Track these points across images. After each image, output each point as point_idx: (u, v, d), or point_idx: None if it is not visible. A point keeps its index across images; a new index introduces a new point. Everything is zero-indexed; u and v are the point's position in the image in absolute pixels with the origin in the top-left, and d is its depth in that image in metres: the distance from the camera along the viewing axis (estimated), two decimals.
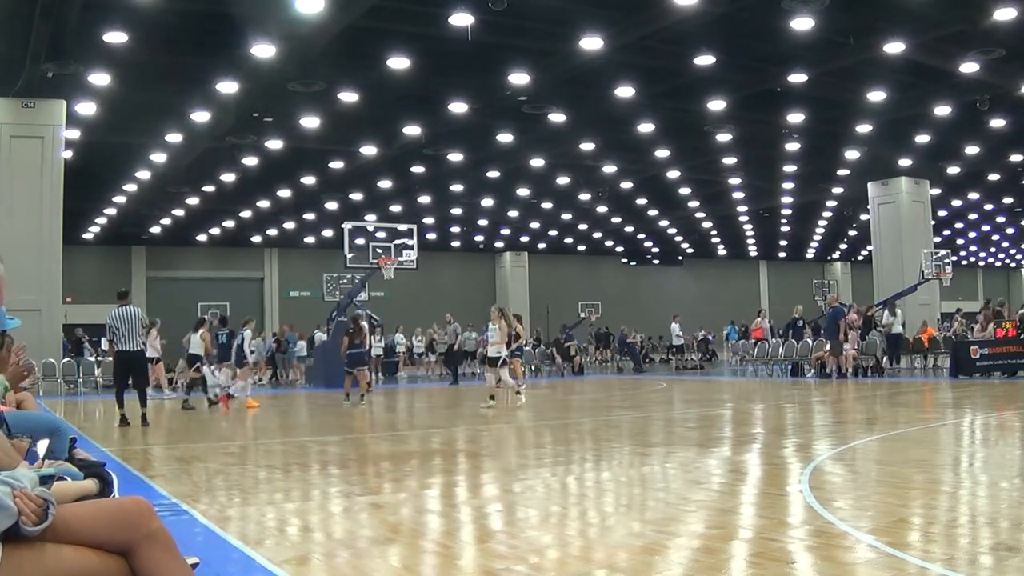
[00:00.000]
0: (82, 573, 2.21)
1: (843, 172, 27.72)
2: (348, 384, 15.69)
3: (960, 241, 45.39)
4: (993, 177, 29.07)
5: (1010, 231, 43.56)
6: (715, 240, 43.81)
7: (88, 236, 33.57)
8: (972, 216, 38.23)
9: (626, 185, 28.95)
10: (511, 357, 23.69)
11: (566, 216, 35.01)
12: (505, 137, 22.26)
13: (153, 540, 2.31)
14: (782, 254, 48.95)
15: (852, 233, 41.10)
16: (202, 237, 36.61)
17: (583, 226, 37.88)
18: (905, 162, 25.88)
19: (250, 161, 23.55)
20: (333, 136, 21.70)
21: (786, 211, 35.96)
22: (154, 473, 7.33)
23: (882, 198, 27.40)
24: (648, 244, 43.95)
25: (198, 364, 16.76)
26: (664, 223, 37.60)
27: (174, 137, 20.77)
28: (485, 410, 13.32)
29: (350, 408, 14.81)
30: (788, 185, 29.86)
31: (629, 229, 39.00)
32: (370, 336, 25.47)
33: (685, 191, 30.73)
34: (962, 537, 4.34)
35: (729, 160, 25.88)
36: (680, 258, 46.55)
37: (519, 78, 17.32)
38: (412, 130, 21.26)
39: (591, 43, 15.57)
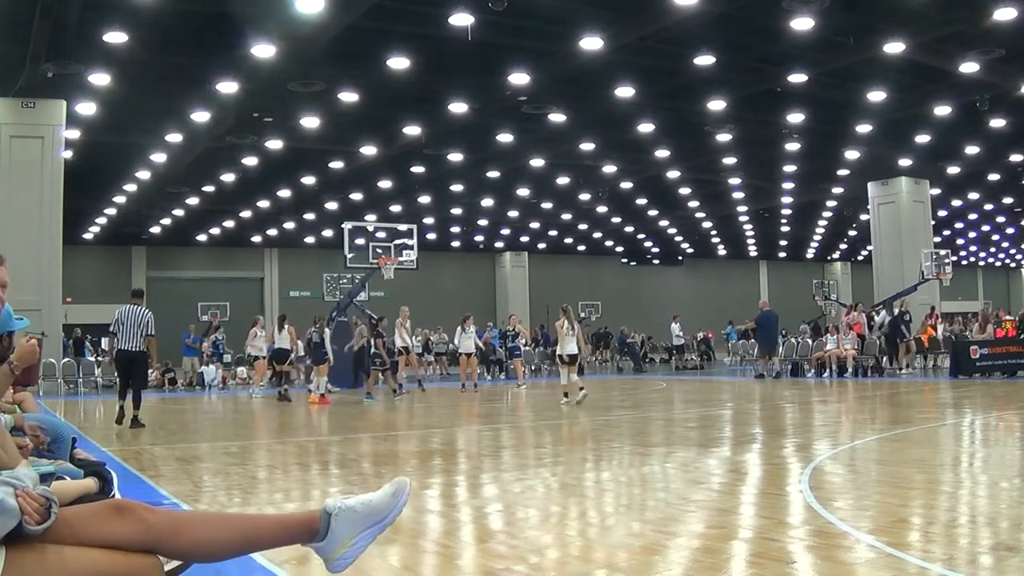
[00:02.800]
0: (86, 574, 2.20)
1: (843, 172, 27.71)
2: (371, 382, 17.16)
3: (960, 241, 45.39)
4: (993, 177, 29.06)
5: (1010, 231, 43.56)
6: (715, 240, 43.81)
7: (88, 236, 33.57)
8: (972, 216, 38.23)
9: (626, 185, 28.95)
10: (511, 357, 23.84)
11: (566, 216, 35.00)
12: (505, 137, 22.25)
13: (157, 529, 2.29)
14: (782, 254, 48.96)
15: (852, 233, 41.10)
16: (202, 237, 36.61)
17: (583, 226, 37.87)
18: (905, 162, 25.88)
19: (250, 161, 23.55)
20: (333, 136, 21.69)
21: (786, 211, 35.96)
22: (154, 473, 7.32)
23: (882, 198, 27.41)
24: (648, 244, 43.94)
25: (291, 359, 18.00)
26: (664, 223, 37.60)
27: (174, 137, 20.76)
28: (564, 406, 13.66)
29: (377, 403, 15.86)
30: (788, 185, 29.85)
31: (629, 229, 39.00)
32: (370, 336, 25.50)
33: (685, 191, 30.73)
34: (962, 537, 4.34)
35: (729, 160, 25.87)
36: (680, 258, 46.55)
37: (519, 78, 17.31)
38: (412, 130, 21.25)
39: (591, 43, 15.56)
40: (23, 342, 3.34)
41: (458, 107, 19.25)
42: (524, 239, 40.94)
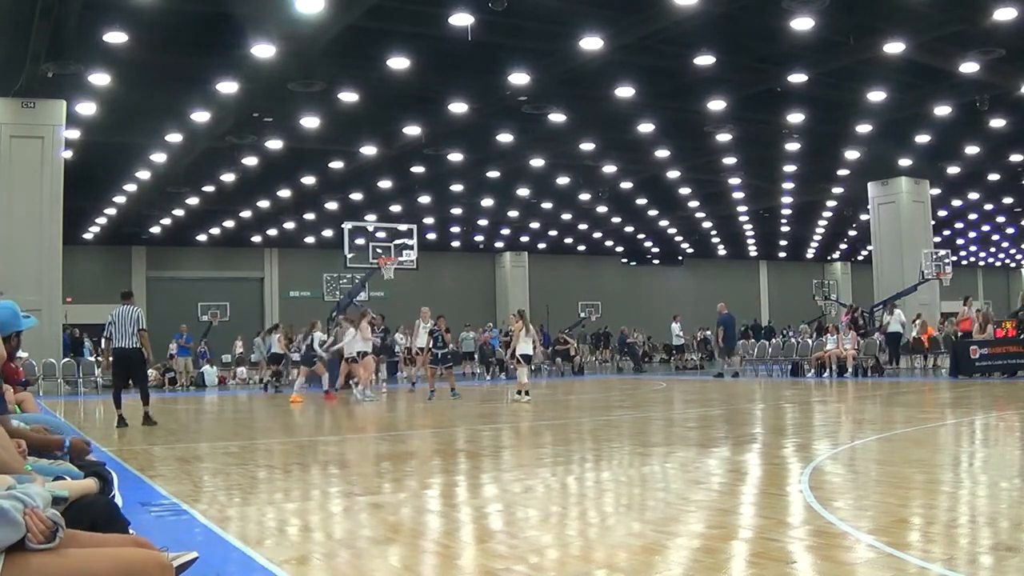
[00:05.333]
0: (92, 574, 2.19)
1: (843, 172, 27.71)
2: (432, 380, 17.48)
3: (960, 241, 45.37)
4: (993, 177, 29.05)
5: (1010, 231, 43.53)
6: (715, 240, 43.80)
7: (88, 236, 33.55)
8: (972, 216, 38.22)
9: (626, 185, 28.94)
10: (510, 357, 23.86)
11: (566, 216, 34.99)
12: (505, 137, 22.24)
13: None
14: (782, 254, 48.94)
15: (852, 233, 41.09)
16: (202, 237, 36.59)
17: (583, 226, 37.86)
18: (905, 162, 25.87)
19: (250, 161, 23.54)
20: (333, 136, 21.69)
21: (786, 211, 35.95)
22: (154, 473, 7.32)
23: (882, 198, 27.41)
24: (648, 244, 43.93)
25: (284, 361, 19.96)
26: (664, 223, 37.59)
27: (174, 137, 20.75)
28: (515, 403, 14.81)
29: (452, 400, 16.26)
30: (788, 185, 29.84)
31: (629, 229, 38.98)
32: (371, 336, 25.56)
33: (685, 191, 30.72)
34: (962, 537, 4.34)
35: (729, 160, 25.86)
36: (680, 258, 46.53)
37: (519, 78, 17.31)
38: (412, 130, 21.24)
39: (591, 43, 15.56)
40: None
41: (458, 107, 19.24)
42: (524, 239, 40.91)
